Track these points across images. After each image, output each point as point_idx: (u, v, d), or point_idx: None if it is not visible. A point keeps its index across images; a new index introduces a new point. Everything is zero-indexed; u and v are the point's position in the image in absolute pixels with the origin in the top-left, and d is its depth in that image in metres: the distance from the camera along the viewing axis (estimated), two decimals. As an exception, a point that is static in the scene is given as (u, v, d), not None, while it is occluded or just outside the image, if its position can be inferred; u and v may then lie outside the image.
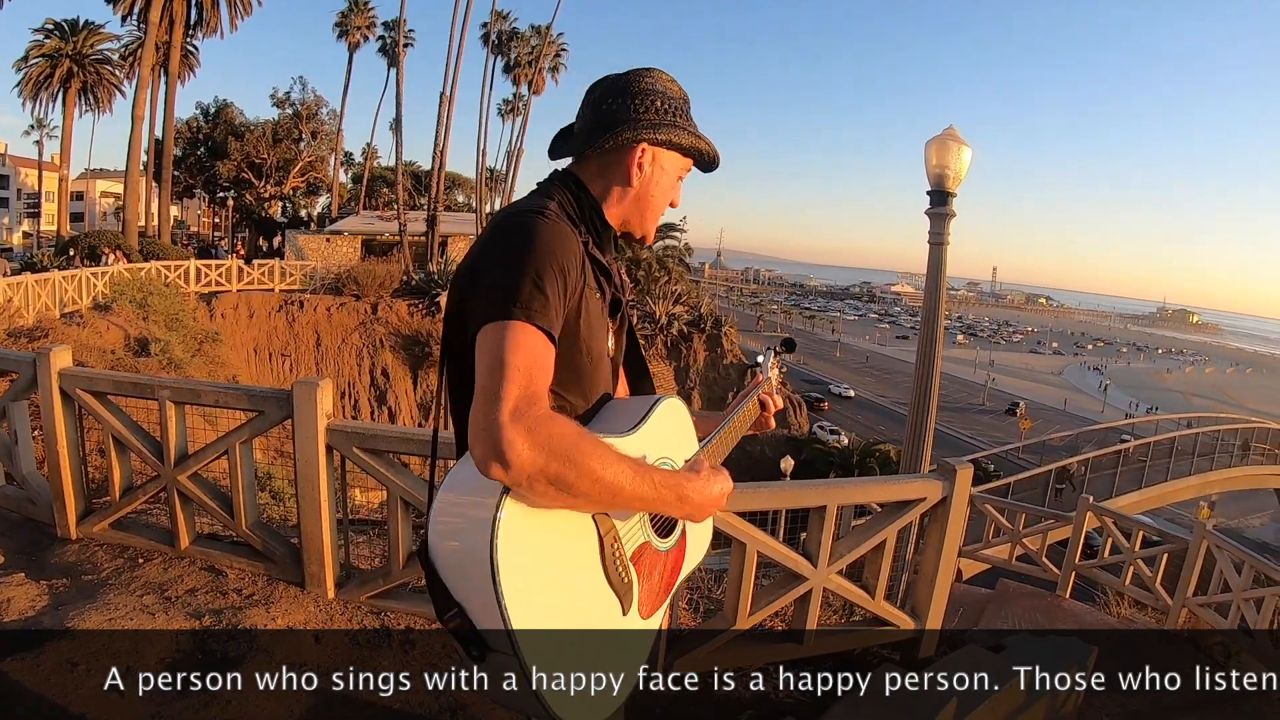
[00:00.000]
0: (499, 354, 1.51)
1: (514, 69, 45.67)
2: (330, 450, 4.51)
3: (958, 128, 7.76)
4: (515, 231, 1.65)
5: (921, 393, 7.63)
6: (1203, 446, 30.03)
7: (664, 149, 1.83)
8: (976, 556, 11.48)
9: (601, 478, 1.46)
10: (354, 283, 32.59)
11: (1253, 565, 8.29)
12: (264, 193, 46.89)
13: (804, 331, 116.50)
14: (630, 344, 2.00)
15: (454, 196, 52.12)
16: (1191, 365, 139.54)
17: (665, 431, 1.83)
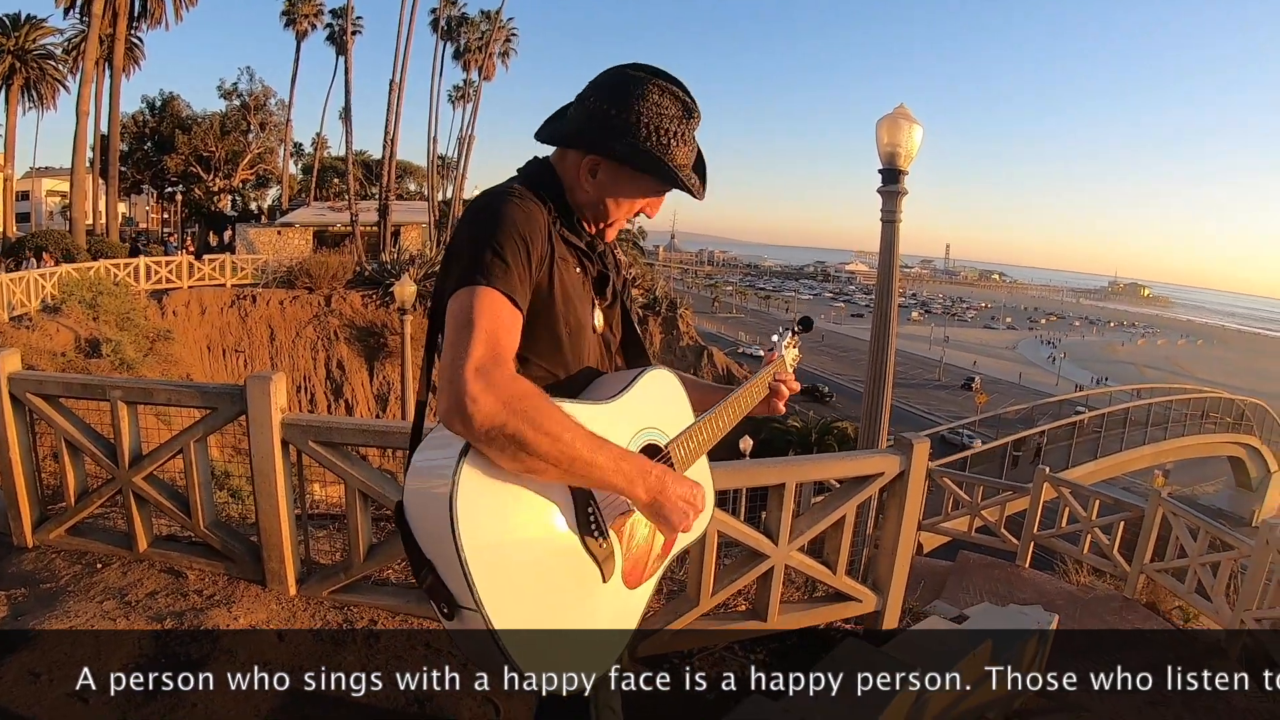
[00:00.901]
0: (464, 316, 1.56)
1: (464, 55, 45.25)
2: (286, 445, 4.46)
3: (909, 106, 7.81)
4: (479, 211, 1.71)
5: (877, 370, 7.68)
6: (1156, 416, 30.62)
7: (623, 165, 1.81)
8: (936, 530, 11.62)
9: (559, 439, 1.48)
10: (306, 275, 32.26)
11: (1207, 531, 8.45)
12: (213, 186, 46.20)
13: (759, 312, 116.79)
14: (626, 322, 2.03)
15: (406, 185, 51.66)
16: (1144, 338, 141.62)
17: (650, 402, 1.83)
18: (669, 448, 1.84)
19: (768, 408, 2.22)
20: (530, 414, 1.46)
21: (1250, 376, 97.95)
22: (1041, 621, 5.45)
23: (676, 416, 1.91)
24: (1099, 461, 28.13)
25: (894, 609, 5.12)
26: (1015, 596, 8.38)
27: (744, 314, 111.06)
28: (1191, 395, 33.67)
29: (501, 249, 1.63)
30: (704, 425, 1.93)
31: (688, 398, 1.96)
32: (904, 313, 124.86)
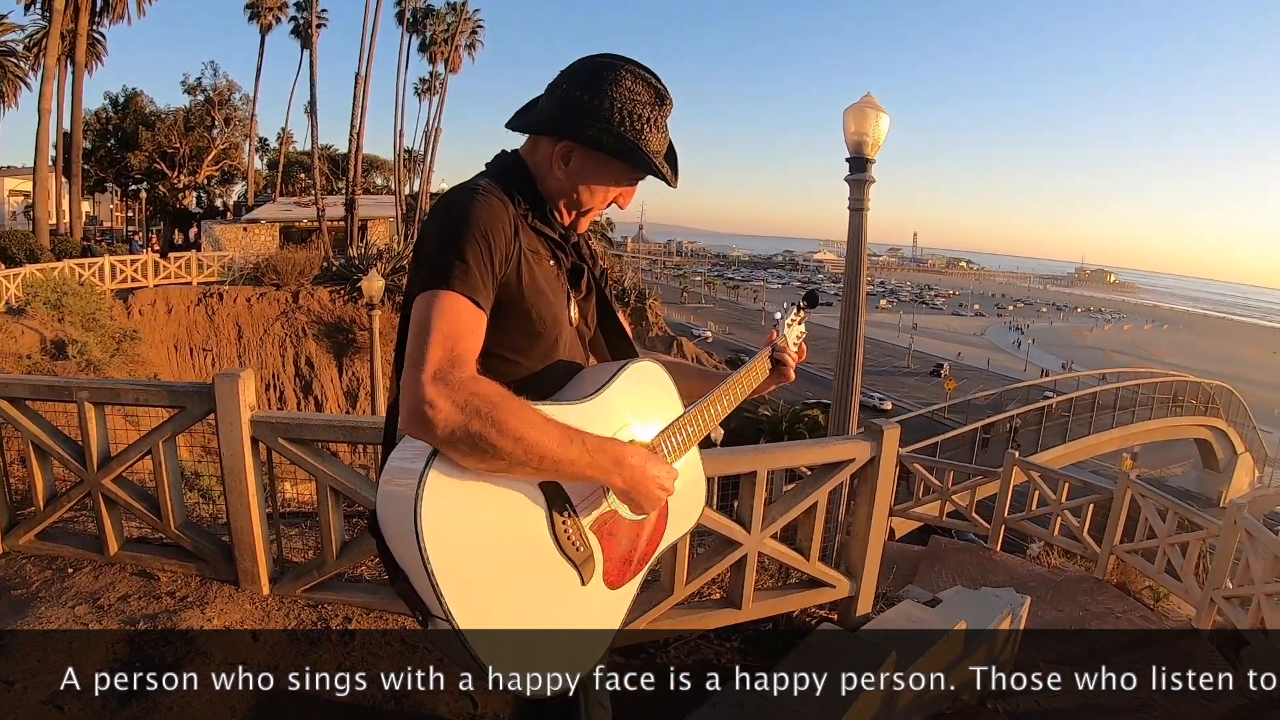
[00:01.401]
0: (423, 322, 1.56)
1: (430, 47, 44.85)
2: (255, 443, 4.43)
3: (875, 95, 7.84)
4: (441, 210, 1.70)
5: (846, 357, 7.72)
6: (1123, 400, 30.97)
7: (595, 150, 1.79)
8: (908, 515, 11.69)
9: (524, 437, 1.48)
10: (273, 272, 31.95)
11: (1176, 512, 8.56)
12: (178, 183, 45.64)
13: (728, 302, 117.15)
14: (605, 316, 2.00)
15: (372, 179, 51.32)
16: (1110, 323, 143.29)
17: (634, 396, 1.81)
18: (656, 442, 1.82)
19: (778, 379, 2.21)
20: (490, 414, 1.46)
21: (1216, 360, 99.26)
22: (1013, 602, 5.50)
23: (663, 409, 1.88)
24: (1068, 445, 28.44)
25: (867, 594, 5.15)
26: (987, 579, 8.47)
27: (713, 304, 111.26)
28: (1158, 379, 34.08)
29: (462, 249, 1.62)
30: (694, 416, 1.92)
31: (676, 388, 1.94)
32: (872, 301, 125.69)
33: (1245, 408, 40.97)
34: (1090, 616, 7.93)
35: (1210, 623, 7.77)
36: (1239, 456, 40.66)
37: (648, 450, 1.72)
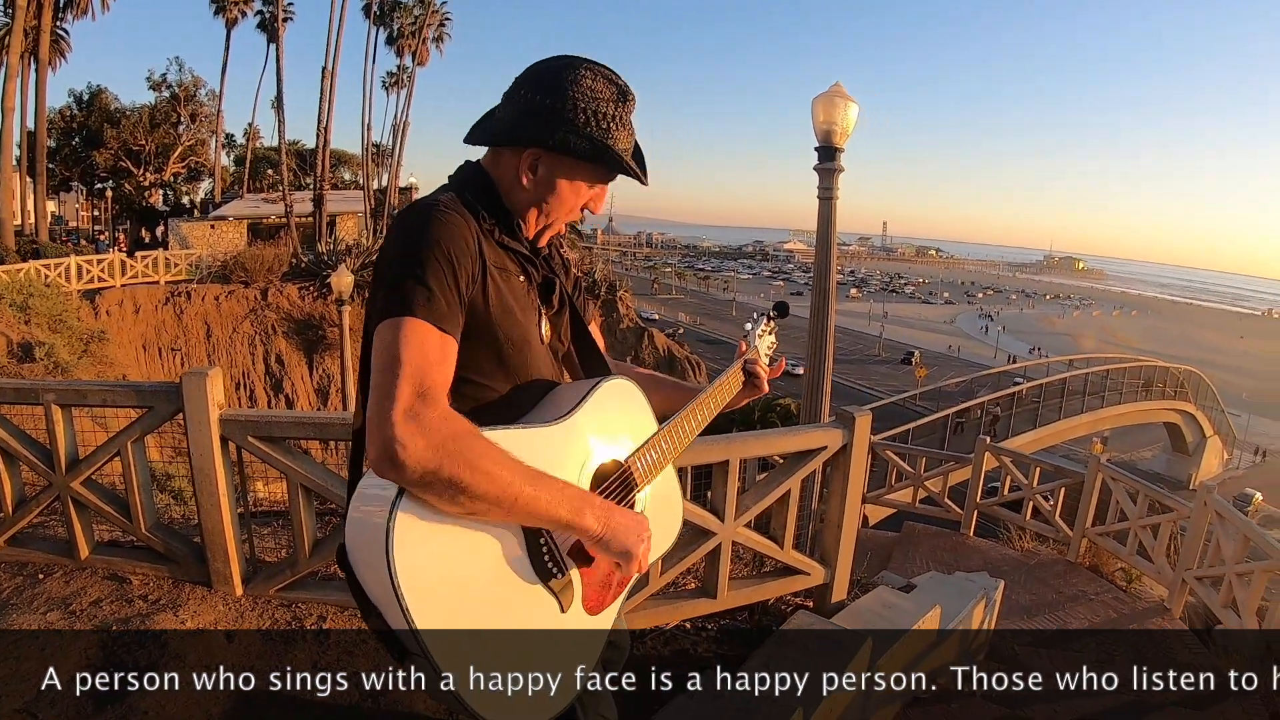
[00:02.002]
0: (390, 351, 1.50)
1: (397, 40, 44.58)
2: (225, 442, 4.38)
3: (844, 84, 7.87)
4: (402, 230, 1.64)
5: (817, 346, 7.76)
6: (1093, 386, 31.30)
7: (563, 154, 1.73)
8: (881, 501, 11.76)
9: (498, 478, 1.45)
10: (241, 269, 31.64)
11: (1146, 494, 8.66)
12: (144, 181, 45.16)
13: (699, 293, 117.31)
14: (578, 330, 1.94)
15: (340, 174, 50.97)
16: (1079, 309, 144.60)
17: (607, 415, 1.77)
18: (630, 461, 1.78)
19: (751, 392, 2.16)
20: (466, 455, 1.42)
21: (1184, 345, 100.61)
22: (987, 587, 5.55)
23: (638, 427, 1.85)
24: (1039, 431, 28.72)
25: (842, 581, 5.18)
26: (961, 564, 8.52)
27: (683, 295, 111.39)
28: (1127, 364, 34.46)
29: (425, 273, 1.56)
30: (667, 433, 1.88)
31: (650, 405, 1.90)
32: (842, 290, 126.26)
33: (1213, 391, 41.57)
34: (1063, 599, 8.00)
35: (1182, 603, 7.88)
36: (1208, 439, 41.27)
37: (616, 505, 1.68)
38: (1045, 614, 7.63)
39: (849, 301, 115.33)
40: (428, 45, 45.06)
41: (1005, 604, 6.35)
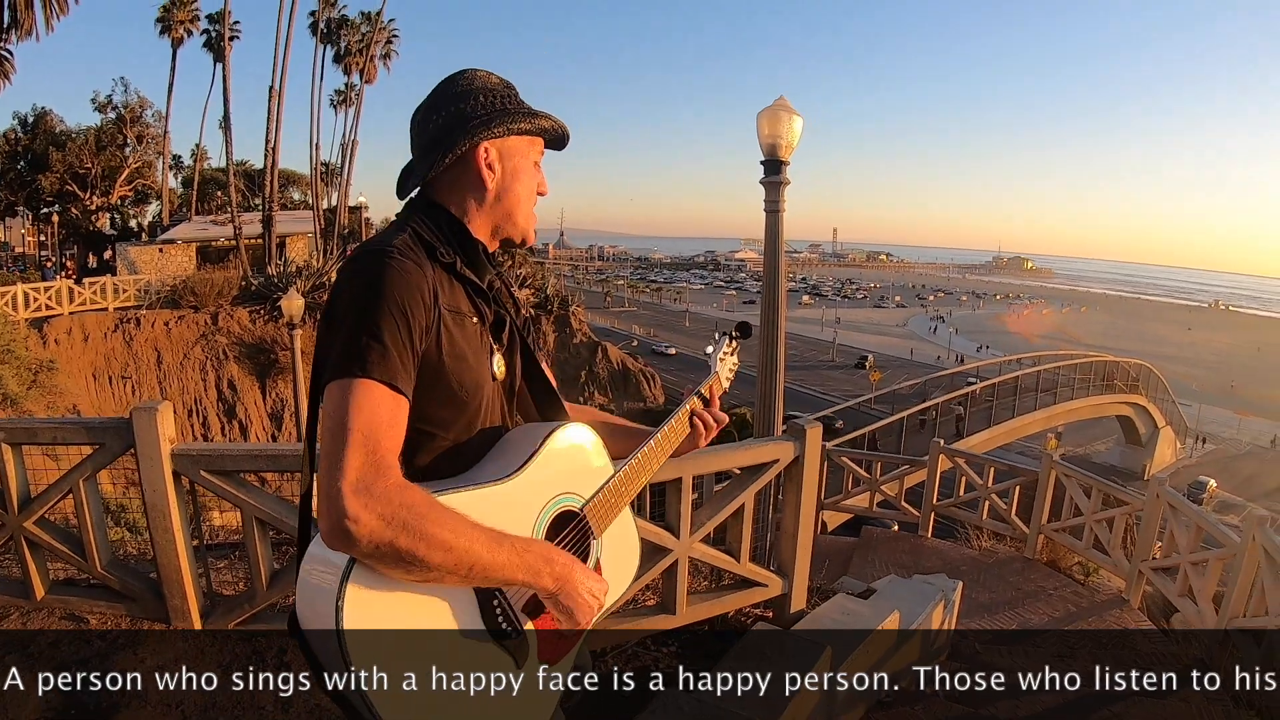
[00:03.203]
0: (340, 416, 1.46)
1: (345, 58, 44.13)
2: (178, 476, 4.35)
3: (788, 98, 7.93)
4: (356, 276, 1.59)
5: (768, 357, 7.80)
6: (1045, 382, 31.69)
7: (507, 138, 1.75)
8: (839, 507, 11.85)
9: (453, 547, 1.42)
10: (191, 293, 31.22)
11: (1100, 489, 8.82)
12: (91, 205, 44.33)
13: (651, 304, 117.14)
14: (529, 365, 1.88)
15: (289, 194, 50.38)
16: (1029, 308, 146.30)
17: (561, 464, 1.74)
18: (586, 510, 1.76)
19: (690, 446, 2.06)
20: (419, 526, 1.39)
21: (1133, 339, 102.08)
22: (945, 588, 5.62)
23: (593, 473, 1.81)
24: (993, 429, 29.01)
25: (800, 590, 5.23)
26: (920, 566, 8.60)
27: (636, 307, 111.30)
28: (1078, 360, 34.95)
29: (378, 328, 1.51)
30: (621, 478, 1.84)
31: (605, 449, 1.85)
32: (794, 297, 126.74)
33: (1164, 383, 42.23)
34: (1022, 595, 8.10)
35: (1140, 593, 8.02)
36: (1160, 430, 41.91)
37: (576, 559, 1.65)
38: (1005, 611, 7.72)
39: (802, 308, 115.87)
40: (375, 63, 44.71)
41: (965, 603, 6.43)
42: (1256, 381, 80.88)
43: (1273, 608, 5.80)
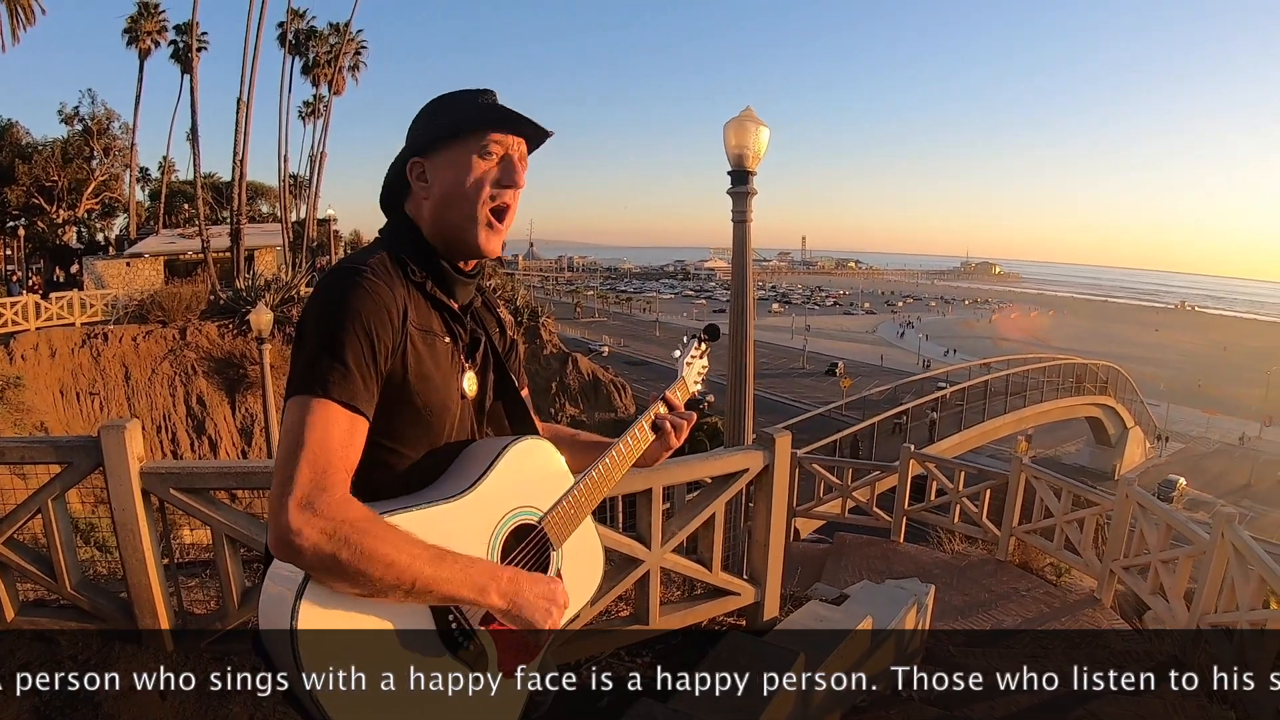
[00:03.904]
0: (295, 433, 1.49)
1: (313, 69, 43.85)
2: (147, 495, 4.33)
3: (754, 108, 7.95)
4: (323, 296, 1.61)
5: (738, 366, 7.83)
6: (1014, 385, 31.97)
7: (435, 146, 1.75)
8: (811, 514, 11.86)
9: (394, 564, 1.45)
10: (159, 308, 30.88)
11: (1070, 490, 8.90)
12: (57, 218, 43.83)
13: (621, 314, 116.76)
14: (505, 387, 1.89)
15: (258, 207, 49.98)
16: (997, 312, 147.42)
17: (518, 477, 1.74)
18: (544, 523, 1.78)
19: (662, 448, 2.04)
20: (360, 542, 1.42)
21: (1101, 341, 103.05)
22: (918, 592, 5.66)
23: (551, 486, 1.82)
24: (964, 433, 29.25)
25: (773, 597, 5.27)
26: (893, 571, 8.62)
27: (606, 318, 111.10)
28: (1047, 363, 35.30)
29: (342, 348, 1.54)
30: (580, 489, 1.84)
31: (564, 461, 1.87)
32: (764, 305, 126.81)
33: (1131, 384, 42.72)
34: (995, 597, 8.15)
35: (1112, 592, 8.10)
36: (1129, 430, 42.40)
37: (524, 572, 1.66)
38: (979, 613, 7.76)
39: (771, 316, 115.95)
40: (344, 74, 44.50)
41: (938, 606, 6.46)
42: (1223, 380, 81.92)
43: (1243, 603, 5.87)
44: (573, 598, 1.80)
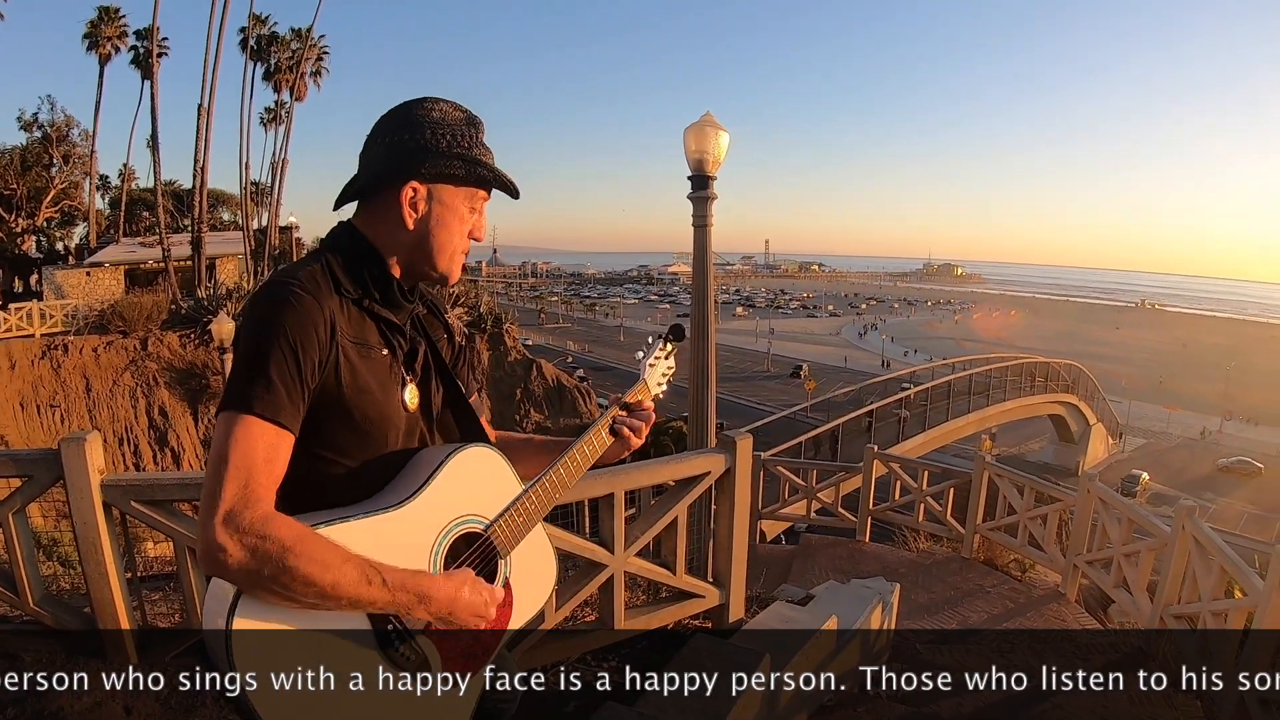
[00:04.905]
0: (221, 449, 1.51)
1: (275, 75, 43.39)
2: (108, 508, 4.29)
3: (714, 113, 7.99)
4: (256, 310, 1.61)
5: (699, 369, 7.85)
6: (977, 385, 32.23)
7: (439, 183, 1.72)
8: (777, 516, 11.91)
9: (317, 580, 1.45)
10: (119, 318, 30.44)
11: (1032, 487, 9.02)
12: (16, 227, 43.16)
13: (585, 320, 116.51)
14: (452, 395, 1.88)
15: (219, 214, 49.43)
16: (959, 313, 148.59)
17: (462, 485, 1.74)
18: (490, 531, 1.77)
19: (622, 448, 2.04)
20: (281, 559, 1.43)
21: (1063, 339, 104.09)
22: (883, 591, 5.71)
23: (498, 494, 1.81)
24: (929, 433, 29.47)
25: (738, 599, 5.30)
26: (859, 570, 8.67)
27: (570, 323, 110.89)
28: (1009, 363, 35.61)
29: (267, 364, 1.54)
30: (531, 496, 1.84)
31: (510, 469, 1.85)
32: (728, 309, 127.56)
33: (1093, 381, 43.23)
34: (961, 594, 8.21)
35: (1077, 586, 8.20)
36: (1092, 427, 42.90)
37: (461, 578, 1.65)
38: (945, 610, 7.81)
39: (735, 320, 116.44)
40: (306, 80, 44.12)
41: (905, 604, 6.52)
42: (1184, 376, 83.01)
43: (1205, 594, 5.97)
44: (523, 604, 1.83)
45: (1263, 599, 5.13)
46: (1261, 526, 40.94)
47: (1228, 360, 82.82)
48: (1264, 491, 48.14)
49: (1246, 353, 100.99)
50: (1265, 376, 79.68)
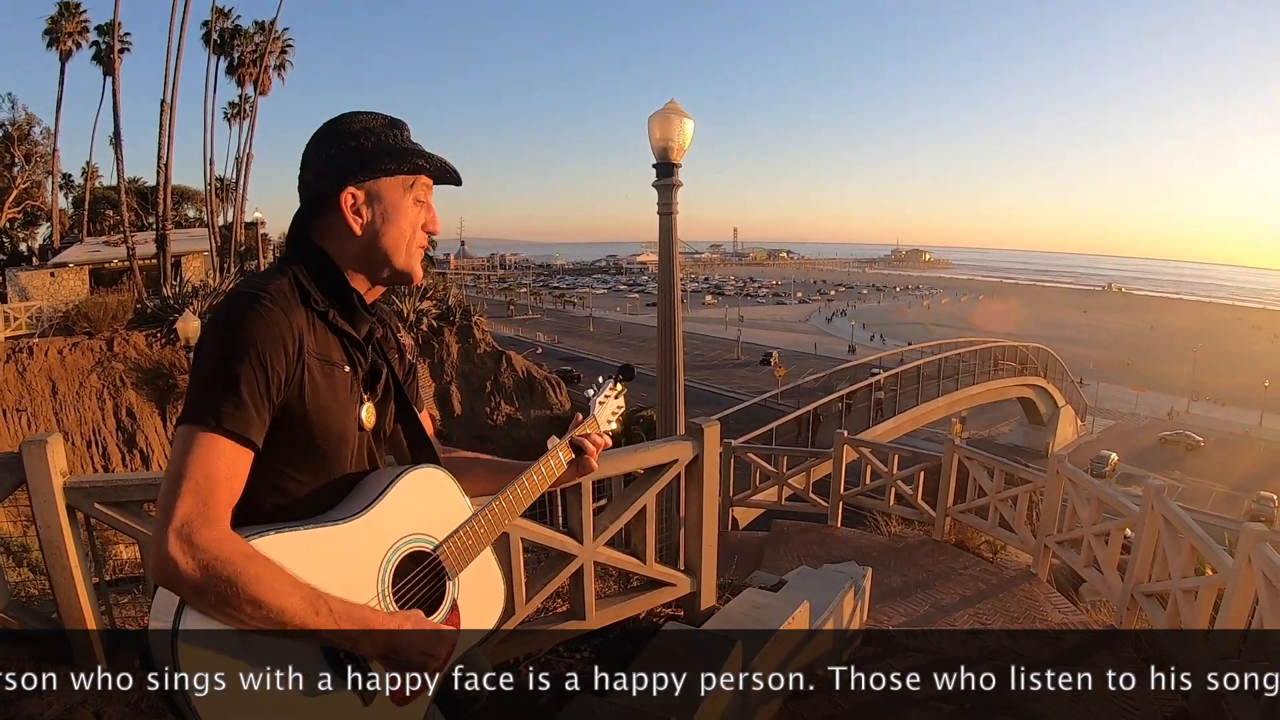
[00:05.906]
0: (180, 462, 1.49)
1: (238, 69, 42.91)
2: (73, 511, 4.26)
3: (679, 100, 7.99)
4: (220, 322, 1.60)
5: (667, 357, 7.86)
6: (947, 370, 32.48)
7: (377, 180, 1.73)
8: (749, 503, 11.96)
9: (265, 604, 1.45)
10: (85, 319, 30.06)
11: (1002, 469, 9.09)
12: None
13: (554, 311, 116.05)
14: (405, 416, 1.90)
15: (184, 211, 48.87)
16: (928, 298, 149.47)
17: (411, 505, 1.75)
18: (439, 551, 1.77)
19: (579, 470, 2.07)
20: (232, 581, 1.43)
21: (1032, 323, 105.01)
22: (855, 575, 5.76)
23: (447, 514, 1.82)
24: (898, 418, 29.67)
25: (709, 587, 5.32)
26: (831, 555, 8.70)
27: (540, 314, 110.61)
28: (977, 347, 35.89)
29: (235, 378, 1.53)
30: (482, 517, 1.85)
31: (459, 490, 1.86)
32: (697, 298, 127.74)
33: (1062, 364, 43.68)
34: (933, 577, 8.24)
35: (1048, 567, 8.29)
36: (1061, 409, 43.36)
37: (405, 617, 1.67)
38: (917, 593, 7.85)
39: (705, 308, 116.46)
40: (270, 73, 43.71)
41: (877, 588, 6.56)
42: (1151, 358, 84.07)
43: (1175, 572, 6.04)
44: (472, 625, 1.84)
45: (1232, 576, 5.19)
46: (1230, 504, 41.61)
47: (1194, 342, 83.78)
48: (1207, 464, 49.66)
49: (1213, 335, 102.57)
50: (1232, 358, 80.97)
